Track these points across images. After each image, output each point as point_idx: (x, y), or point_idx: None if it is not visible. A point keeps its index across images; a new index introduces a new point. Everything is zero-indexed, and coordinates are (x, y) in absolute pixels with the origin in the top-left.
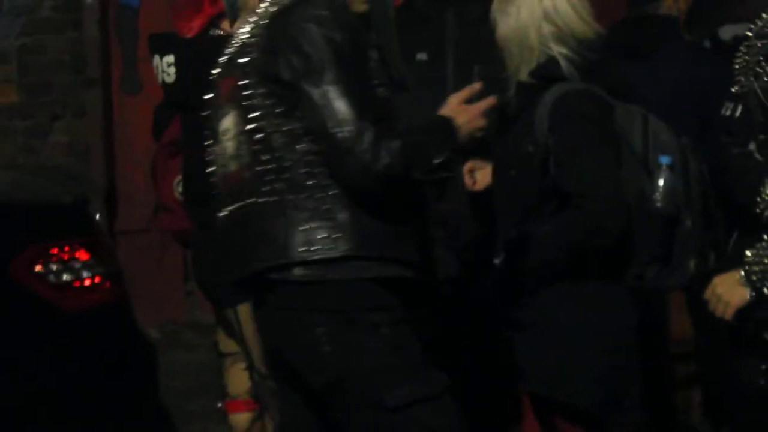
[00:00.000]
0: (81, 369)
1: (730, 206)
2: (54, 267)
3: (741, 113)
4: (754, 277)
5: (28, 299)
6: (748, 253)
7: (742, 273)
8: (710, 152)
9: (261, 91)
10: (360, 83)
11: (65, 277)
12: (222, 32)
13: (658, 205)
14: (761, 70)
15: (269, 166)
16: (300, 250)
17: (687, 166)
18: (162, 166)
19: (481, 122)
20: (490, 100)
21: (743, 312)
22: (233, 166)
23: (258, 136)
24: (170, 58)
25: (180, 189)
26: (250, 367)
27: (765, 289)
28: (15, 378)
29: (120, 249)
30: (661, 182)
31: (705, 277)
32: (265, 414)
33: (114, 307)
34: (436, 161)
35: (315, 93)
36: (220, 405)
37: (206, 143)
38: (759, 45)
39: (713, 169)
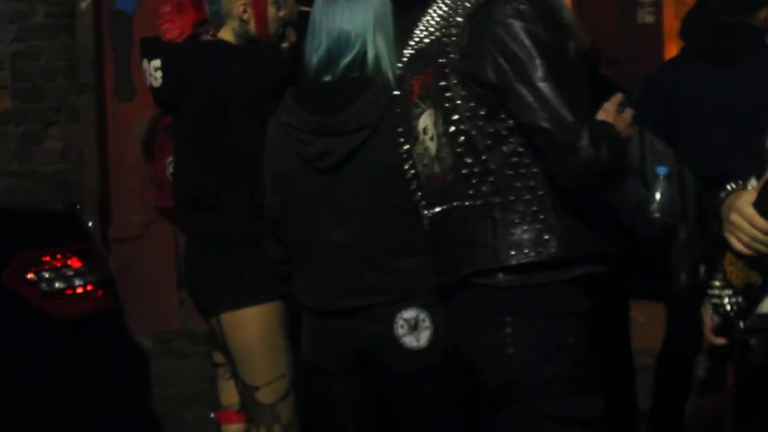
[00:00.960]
0: (73, 377)
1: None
2: (46, 274)
3: None
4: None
5: (20, 306)
6: (711, 283)
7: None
8: None
9: (463, 93)
10: (570, 75)
11: (57, 284)
12: (211, 37)
13: (656, 215)
14: None
15: (474, 169)
16: (510, 254)
17: (682, 176)
18: (160, 143)
19: (629, 131)
20: (630, 111)
21: None
22: (437, 168)
23: (461, 138)
24: (157, 62)
25: (171, 169)
26: (235, 378)
27: None
28: (6, 385)
29: (113, 256)
30: (658, 194)
31: (695, 289)
32: (250, 425)
33: (106, 315)
34: (630, 160)
35: (527, 92)
36: (212, 415)
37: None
38: None
39: None
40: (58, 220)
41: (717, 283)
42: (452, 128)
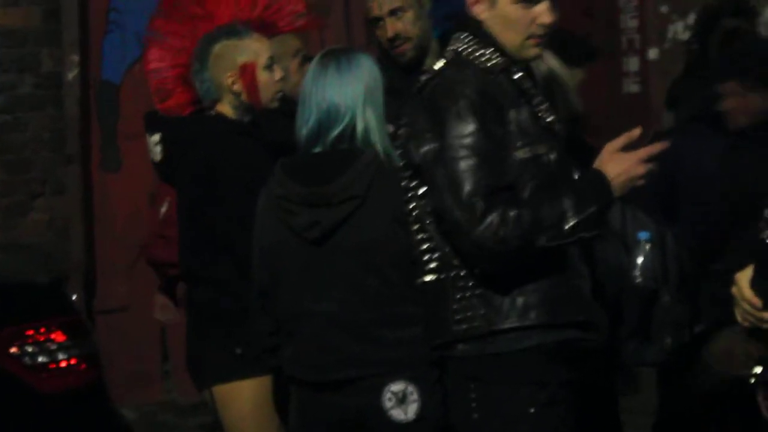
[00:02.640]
0: None
1: None
2: (29, 348)
3: None
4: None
5: (2, 380)
6: None
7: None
8: None
9: (408, 173)
10: (492, 149)
11: (41, 358)
12: (214, 112)
13: (638, 281)
14: None
15: (424, 245)
16: (461, 327)
17: (664, 241)
18: (159, 188)
19: (639, 170)
20: (658, 145)
21: None
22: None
23: (413, 215)
24: (156, 137)
25: (163, 209)
26: None
27: None
28: None
29: (98, 328)
30: (640, 259)
31: (680, 354)
32: None
33: (90, 389)
34: (575, 222)
35: (437, 172)
36: None
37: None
38: None
39: None
40: (42, 293)
41: None
42: (409, 206)
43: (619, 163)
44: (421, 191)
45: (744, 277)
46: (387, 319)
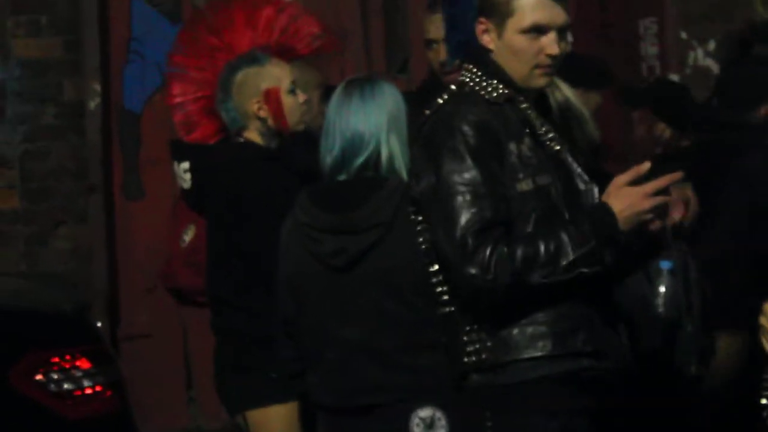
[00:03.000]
0: None
1: None
2: (55, 376)
3: None
4: None
5: (28, 408)
6: None
7: None
8: None
9: (413, 209)
10: (488, 185)
11: (66, 386)
12: (243, 139)
13: (660, 310)
14: None
15: (437, 278)
16: (471, 359)
17: (687, 270)
18: (178, 213)
19: (645, 204)
20: (666, 178)
21: None
22: None
23: (425, 247)
24: (186, 165)
25: (186, 237)
26: None
27: None
28: None
29: (122, 355)
30: (662, 288)
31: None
32: None
33: (115, 416)
34: (572, 258)
35: (433, 208)
36: None
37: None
38: None
39: None
40: (66, 321)
41: None
42: (419, 239)
43: (625, 197)
44: (425, 225)
45: None
46: (412, 346)
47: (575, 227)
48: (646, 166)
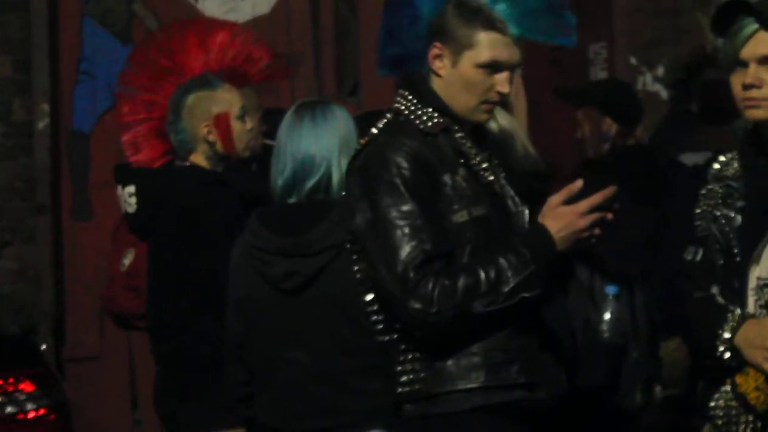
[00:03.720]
0: None
1: (694, 354)
2: None
3: (702, 257)
4: (723, 429)
5: None
6: (712, 404)
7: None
8: (671, 298)
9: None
10: (427, 215)
11: (9, 409)
12: (189, 163)
13: (605, 336)
14: (719, 214)
15: (371, 308)
16: (405, 389)
17: (633, 296)
18: (119, 236)
19: (581, 223)
20: (599, 195)
21: None
22: None
23: (358, 279)
24: (131, 188)
25: (125, 261)
26: None
27: None
28: None
29: (67, 377)
30: (607, 314)
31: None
32: None
33: None
34: (513, 284)
35: (370, 243)
36: None
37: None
38: (717, 189)
39: (675, 315)
40: (10, 344)
41: (722, 404)
42: (355, 267)
43: (561, 217)
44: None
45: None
46: (362, 369)
47: (513, 252)
48: (579, 184)
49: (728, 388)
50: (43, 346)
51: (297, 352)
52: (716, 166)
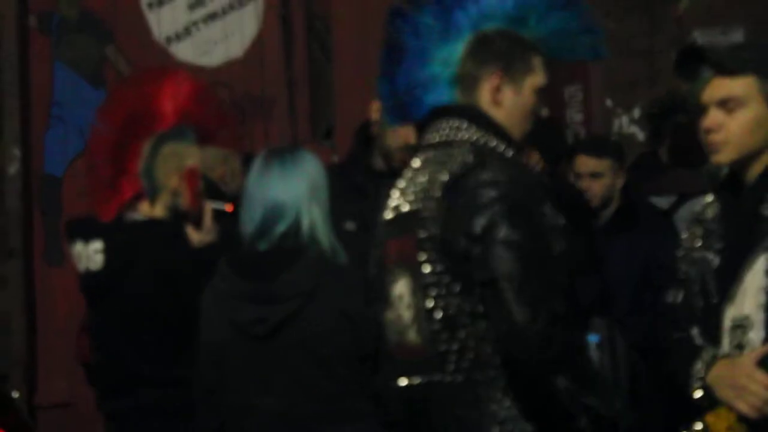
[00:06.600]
0: None
1: (674, 397)
2: None
3: (683, 299)
4: None
5: None
6: None
7: None
8: (653, 341)
9: (440, 268)
10: (548, 251)
11: None
12: (140, 216)
13: None
14: (699, 256)
15: (452, 346)
16: (494, 430)
17: (614, 345)
18: None
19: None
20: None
21: None
22: (411, 336)
23: (439, 315)
24: (98, 245)
25: None
26: None
27: None
28: None
29: (40, 422)
30: None
31: None
32: None
33: None
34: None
35: (494, 249)
36: None
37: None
38: (697, 232)
39: (658, 359)
40: None
41: None
42: (430, 303)
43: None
44: (458, 288)
45: (746, 365)
46: (332, 415)
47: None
48: None
49: (700, 427)
50: (16, 394)
51: (267, 399)
52: (696, 209)
